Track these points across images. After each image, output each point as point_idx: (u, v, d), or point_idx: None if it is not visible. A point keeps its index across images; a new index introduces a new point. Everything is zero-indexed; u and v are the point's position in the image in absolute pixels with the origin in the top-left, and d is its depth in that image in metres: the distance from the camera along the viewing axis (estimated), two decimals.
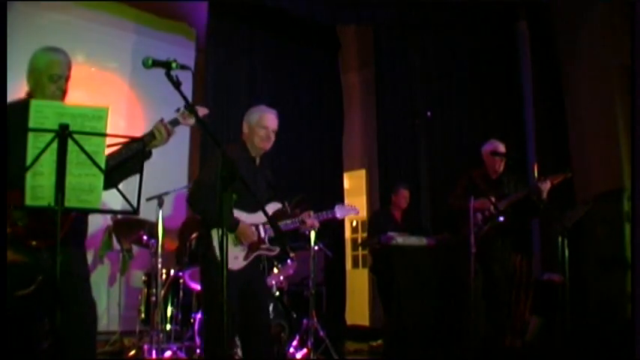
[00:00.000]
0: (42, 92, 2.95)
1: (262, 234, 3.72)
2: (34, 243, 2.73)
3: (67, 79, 3.02)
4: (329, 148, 8.43)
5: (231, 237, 3.59)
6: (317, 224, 4.08)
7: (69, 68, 3.03)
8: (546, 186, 5.20)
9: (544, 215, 6.00)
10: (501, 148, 5.55)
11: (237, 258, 3.63)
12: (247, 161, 3.76)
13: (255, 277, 3.71)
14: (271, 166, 7.23)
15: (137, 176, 2.71)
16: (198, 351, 5.06)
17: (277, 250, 3.87)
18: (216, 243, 3.51)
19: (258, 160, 3.86)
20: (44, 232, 2.72)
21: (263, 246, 3.73)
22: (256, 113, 3.86)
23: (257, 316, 3.67)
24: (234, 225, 3.58)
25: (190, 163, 7.50)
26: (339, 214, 4.24)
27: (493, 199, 5.20)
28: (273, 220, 3.80)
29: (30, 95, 2.99)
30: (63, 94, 3.00)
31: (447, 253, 5.78)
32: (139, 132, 3.06)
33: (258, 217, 3.70)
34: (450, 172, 6.98)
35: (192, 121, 3.18)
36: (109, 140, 2.49)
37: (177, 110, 3.17)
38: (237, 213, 3.63)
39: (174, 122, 3.11)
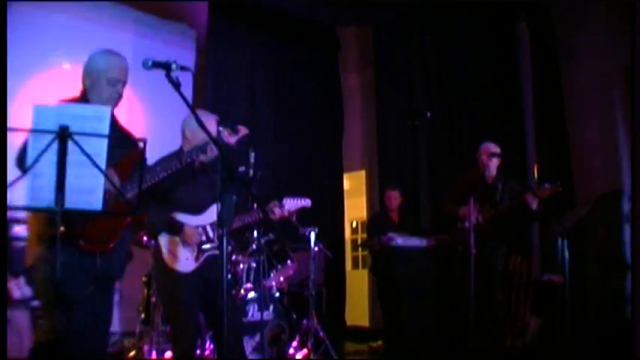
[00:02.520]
0: (98, 94, 2.97)
1: (210, 234, 3.73)
2: (82, 243, 2.79)
3: (124, 84, 3.04)
4: (329, 148, 8.44)
5: (179, 239, 3.64)
6: (285, 213, 4.13)
7: (127, 73, 3.05)
8: (535, 200, 5.19)
9: (543, 217, 6.00)
10: (494, 149, 5.48)
11: (187, 259, 3.66)
12: (183, 167, 3.78)
13: (212, 277, 3.68)
14: (272, 166, 7.35)
15: (137, 177, 2.73)
16: (198, 352, 5.06)
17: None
18: (165, 249, 3.62)
19: (197, 164, 3.82)
20: (100, 238, 2.83)
21: (211, 245, 3.73)
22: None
23: (221, 316, 3.66)
24: (178, 228, 3.63)
25: None
26: (287, 206, 4.26)
27: (478, 215, 5.17)
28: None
29: (84, 95, 3.00)
30: (119, 97, 3.02)
31: (447, 254, 5.77)
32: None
33: (204, 218, 3.73)
34: (450, 172, 6.98)
35: (233, 139, 3.26)
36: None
37: (220, 126, 3.23)
38: (182, 216, 3.68)
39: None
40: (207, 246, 3.72)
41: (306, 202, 4.39)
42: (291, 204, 4.28)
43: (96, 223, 2.80)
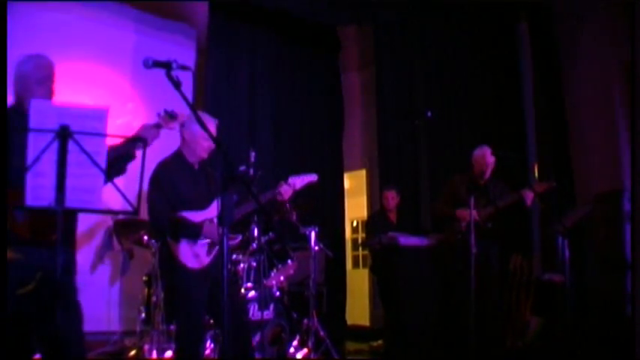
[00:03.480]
0: (31, 95, 2.91)
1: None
2: (29, 237, 2.72)
3: (54, 81, 3.03)
4: (329, 148, 8.43)
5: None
6: (293, 189, 4.05)
7: (53, 71, 3.04)
8: (530, 195, 5.21)
9: (544, 216, 6.00)
10: (490, 152, 5.51)
11: (198, 256, 3.62)
12: (184, 169, 3.78)
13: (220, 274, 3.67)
14: (272, 165, 7.35)
15: (138, 176, 2.73)
16: None
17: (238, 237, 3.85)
18: (175, 246, 3.57)
19: (197, 165, 3.84)
20: (42, 228, 2.73)
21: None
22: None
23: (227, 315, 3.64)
24: (199, 230, 3.60)
25: None
26: (294, 183, 4.19)
27: (475, 212, 5.15)
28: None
29: (18, 100, 2.98)
30: (52, 94, 3.02)
31: (447, 253, 5.78)
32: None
33: (210, 212, 3.70)
34: (450, 172, 6.97)
35: (174, 124, 3.27)
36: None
37: (159, 115, 3.25)
38: (189, 214, 3.64)
39: (158, 126, 3.19)
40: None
41: (312, 177, 4.22)
42: (298, 180, 4.19)
43: (34, 215, 2.71)
